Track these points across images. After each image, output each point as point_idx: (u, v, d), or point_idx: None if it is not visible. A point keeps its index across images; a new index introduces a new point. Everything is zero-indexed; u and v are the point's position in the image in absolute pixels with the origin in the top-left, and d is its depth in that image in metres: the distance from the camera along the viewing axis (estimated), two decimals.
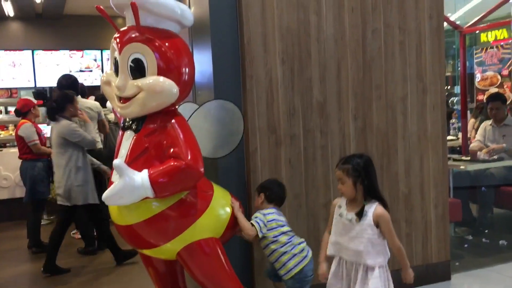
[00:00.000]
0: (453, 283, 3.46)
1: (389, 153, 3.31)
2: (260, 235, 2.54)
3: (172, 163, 2.11)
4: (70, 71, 7.92)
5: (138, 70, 2.18)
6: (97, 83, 8.25)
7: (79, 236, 4.94)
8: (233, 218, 2.47)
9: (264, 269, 2.88)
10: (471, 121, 6.29)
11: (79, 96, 4.80)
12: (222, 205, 2.44)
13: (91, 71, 8.42)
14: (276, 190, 2.71)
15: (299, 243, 2.63)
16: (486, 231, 4.66)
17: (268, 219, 2.59)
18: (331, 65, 3.13)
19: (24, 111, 5.02)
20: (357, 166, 2.29)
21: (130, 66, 2.19)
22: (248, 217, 2.70)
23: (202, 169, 2.19)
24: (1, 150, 6.84)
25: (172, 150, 2.15)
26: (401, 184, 3.35)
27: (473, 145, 5.01)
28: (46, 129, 5.26)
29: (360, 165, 2.30)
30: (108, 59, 8.42)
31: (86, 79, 8.05)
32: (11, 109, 7.91)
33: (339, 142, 3.17)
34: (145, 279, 3.19)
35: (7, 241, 5.48)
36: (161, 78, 2.16)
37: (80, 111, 4.43)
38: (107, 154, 5.24)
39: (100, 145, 4.88)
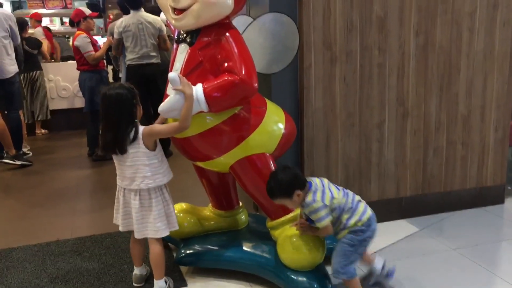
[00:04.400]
0: (507, 207, 3.40)
1: (450, 72, 3.15)
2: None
3: (226, 78, 2.10)
4: None
5: None
6: None
7: None
8: (286, 135, 2.46)
9: None
10: None
11: (142, 10, 4.78)
12: (275, 122, 2.43)
13: None
14: (300, 175, 2.18)
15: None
16: None
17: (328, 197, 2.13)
18: None
19: (76, 21, 5.07)
20: None
21: None
22: (300, 142, 2.66)
23: (256, 85, 2.16)
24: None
25: (226, 64, 2.12)
26: (461, 106, 3.21)
27: None
28: (101, 41, 5.32)
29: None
30: None
31: None
32: (66, 20, 8.03)
33: (398, 60, 3.03)
34: (197, 190, 3.33)
35: (68, 149, 5.81)
36: None
37: None
38: (161, 68, 5.28)
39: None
